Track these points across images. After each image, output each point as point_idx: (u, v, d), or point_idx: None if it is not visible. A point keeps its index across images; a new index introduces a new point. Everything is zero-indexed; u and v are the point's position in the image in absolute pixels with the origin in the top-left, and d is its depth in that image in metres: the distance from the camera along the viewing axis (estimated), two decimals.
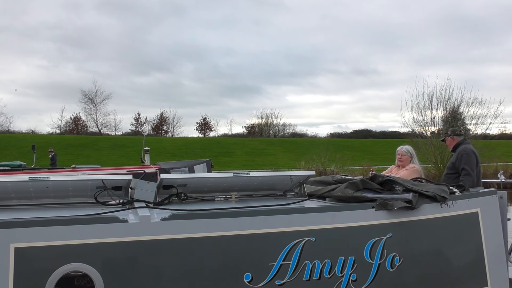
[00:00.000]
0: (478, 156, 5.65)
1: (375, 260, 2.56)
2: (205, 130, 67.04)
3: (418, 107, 27.82)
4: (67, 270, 2.07)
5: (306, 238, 2.44)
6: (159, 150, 36.89)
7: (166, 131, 64.73)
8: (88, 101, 59.88)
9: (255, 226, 2.38)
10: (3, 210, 2.58)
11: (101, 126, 61.46)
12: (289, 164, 33.66)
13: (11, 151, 34.78)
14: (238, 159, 41.22)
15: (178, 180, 2.89)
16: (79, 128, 60.28)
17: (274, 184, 3.23)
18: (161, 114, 64.58)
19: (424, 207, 2.74)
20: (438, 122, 28.49)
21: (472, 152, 5.54)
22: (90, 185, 2.73)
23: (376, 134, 67.16)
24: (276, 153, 45.36)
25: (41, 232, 2.07)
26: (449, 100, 27.86)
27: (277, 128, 67.86)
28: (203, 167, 10.30)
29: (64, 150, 39.57)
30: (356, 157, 36.34)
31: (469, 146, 5.74)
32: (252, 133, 66.08)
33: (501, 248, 2.96)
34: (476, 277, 2.85)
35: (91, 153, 39.56)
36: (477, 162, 5.57)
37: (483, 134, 28.26)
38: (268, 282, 2.34)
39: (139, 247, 2.19)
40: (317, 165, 28.34)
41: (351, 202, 2.75)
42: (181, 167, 10.03)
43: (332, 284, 2.47)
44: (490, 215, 2.94)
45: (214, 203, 2.90)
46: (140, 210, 2.41)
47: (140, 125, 64.04)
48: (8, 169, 9.86)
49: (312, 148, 33.07)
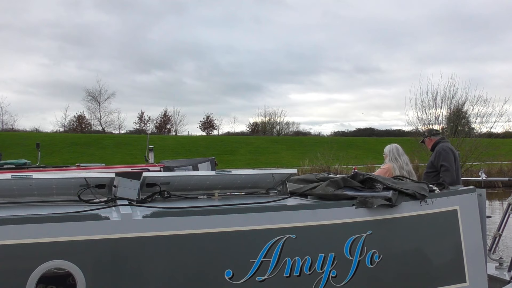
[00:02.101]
0: (456, 154, 5.72)
1: (355, 257, 2.59)
2: (209, 128, 67.03)
3: (422, 106, 27.80)
4: (49, 267, 2.08)
5: (286, 235, 2.47)
6: (162, 149, 36.93)
7: (169, 129, 64.81)
8: (92, 100, 60.11)
9: (236, 224, 2.41)
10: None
11: (105, 124, 61.68)
12: (292, 162, 33.65)
13: (16, 150, 34.88)
14: (242, 158, 41.24)
15: (161, 178, 2.91)
16: (83, 126, 60.44)
17: (257, 183, 3.26)
18: (165, 112, 64.65)
19: (404, 205, 2.77)
20: (442, 121, 28.46)
21: (449, 150, 5.62)
22: (73, 183, 2.73)
23: (380, 132, 66.89)
24: (279, 151, 45.33)
25: (22, 230, 2.08)
26: (454, 99, 27.83)
27: (281, 126, 67.81)
28: (207, 165, 10.23)
29: (69, 148, 39.83)
30: (360, 156, 36.28)
31: (446, 144, 5.82)
32: (256, 132, 65.99)
33: (479, 245, 2.98)
34: (454, 274, 2.88)
35: (95, 151, 39.67)
36: (456, 159, 5.63)
37: (488, 133, 28.17)
38: (248, 278, 2.37)
39: (121, 245, 2.21)
40: (321, 164, 28.31)
41: (332, 199, 2.78)
42: (185, 165, 9.99)
43: (312, 280, 2.50)
44: (469, 213, 2.97)
45: (196, 201, 2.92)
46: (123, 208, 2.43)
47: (143, 124, 64.15)
48: (13, 167, 9.87)
49: (315, 147, 33.06)
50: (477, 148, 26.18)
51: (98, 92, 59.96)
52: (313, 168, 27.24)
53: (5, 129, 54.18)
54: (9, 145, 37.83)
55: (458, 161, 5.71)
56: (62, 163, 25.24)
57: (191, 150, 42.26)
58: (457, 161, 5.70)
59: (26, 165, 10.33)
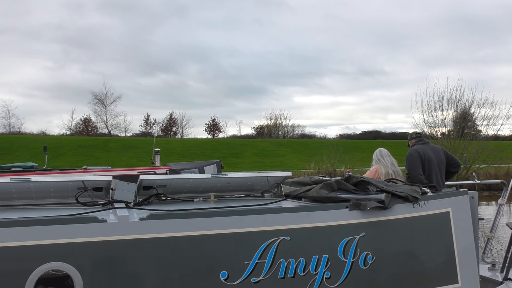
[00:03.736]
0: (428, 155, 5.56)
1: (348, 259, 2.62)
2: (214, 131, 67.15)
3: (428, 108, 27.67)
4: (47, 269, 2.10)
5: (281, 237, 2.50)
6: (168, 151, 37.01)
7: (175, 132, 65.00)
8: (98, 103, 60.45)
9: (232, 226, 2.44)
10: None
11: (111, 127, 61.97)
12: (298, 165, 33.56)
13: (23, 152, 35.17)
14: (247, 160, 41.23)
15: (158, 181, 2.95)
16: (89, 129, 60.72)
17: (252, 185, 3.29)
18: (170, 115, 64.85)
19: (397, 207, 2.80)
20: (448, 123, 28.31)
21: (412, 154, 5.58)
22: (71, 186, 2.77)
23: (385, 135, 66.66)
24: (285, 154, 45.27)
25: (20, 232, 2.10)
26: (460, 101, 27.67)
27: (286, 129, 67.77)
28: (213, 168, 10.18)
29: (75, 151, 40.02)
30: (366, 158, 36.03)
31: (417, 147, 5.69)
32: (261, 135, 65.98)
33: (471, 247, 3.01)
34: (447, 275, 2.90)
35: (101, 154, 39.85)
36: (426, 160, 5.52)
37: (494, 135, 28.01)
38: (243, 280, 2.40)
39: (118, 247, 2.23)
40: (326, 166, 28.26)
41: (325, 202, 2.81)
42: (192, 168, 9.98)
43: (306, 281, 2.53)
44: (461, 215, 2.99)
45: (192, 204, 2.95)
46: (120, 211, 2.45)
47: (149, 126, 64.35)
48: (21, 170, 9.94)
49: (321, 149, 32.95)
50: (484, 150, 26.02)
51: (105, 95, 60.39)
52: (319, 171, 27.18)
53: (13, 132, 54.54)
54: (16, 148, 38.15)
55: (433, 163, 5.57)
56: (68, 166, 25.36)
57: (197, 152, 42.30)
58: (432, 162, 5.55)
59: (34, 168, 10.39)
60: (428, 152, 5.61)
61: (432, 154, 5.60)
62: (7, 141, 41.61)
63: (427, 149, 5.66)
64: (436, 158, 5.62)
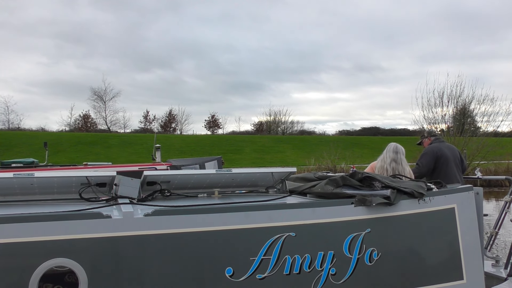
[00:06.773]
0: (446, 154, 5.98)
1: (354, 255, 2.61)
2: (214, 127, 67.10)
3: (428, 104, 27.66)
4: (52, 265, 2.10)
5: (286, 233, 2.49)
6: (168, 148, 37.01)
7: (174, 128, 64.96)
8: (98, 99, 60.38)
9: (237, 222, 2.43)
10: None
11: (110, 123, 61.94)
12: (298, 161, 33.58)
13: (22, 149, 35.18)
14: (247, 157, 41.29)
15: (162, 177, 2.94)
16: (88, 125, 60.67)
17: (256, 181, 3.28)
18: (170, 111, 64.77)
19: (402, 203, 2.79)
20: (448, 120, 28.32)
21: (432, 151, 5.99)
22: (74, 181, 2.76)
23: (385, 131, 66.70)
24: (285, 150, 45.33)
25: (24, 228, 2.09)
26: (460, 97, 27.65)
27: (285, 125, 67.80)
28: (214, 164, 10.18)
29: (75, 147, 40.04)
30: (365, 155, 36.13)
31: (437, 145, 6.13)
32: (261, 131, 65.98)
33: (476, 243, 3.00)
34: (452, 271, 2.89)
35: (101, 150, 39.86)
36: (446, 160, 5.93)
37: (494, 132, 28.01)
38: (249, 276, 2.39)
39: (122, 243, 2.22)
40: (326, 163, 28.26)
41: (331, 198, 2.79)
42: (192, 164, 9.96)
43: (312, 278, 2.52)
44: (466, 211, 2.98)
45: (197, 200, 2.94)
46: (124, 206, 2.44)
47: (149, 123, 64.35)
48: (21, 166, 9.92)
49: (321, 146, 33.00)
50: (484, 147, 26.05)
51: (104, 91, 60.31)
52: (319, 167, 27.16)
53: (12, 128, 54.54)
54: (16, 144, 38.15)
55: (449, 162, 5.97)
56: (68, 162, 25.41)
57: (197, 149, 42.35)
58: (449, 161, 5.96)
59: (34, 164, 10.38)
60: (444, 150, 6.02)
61: (448, 152, 6.02)
62: (7, 137, 41.63)
63: (443, 148, 6.08)
64: (452, 155, 6.04)
